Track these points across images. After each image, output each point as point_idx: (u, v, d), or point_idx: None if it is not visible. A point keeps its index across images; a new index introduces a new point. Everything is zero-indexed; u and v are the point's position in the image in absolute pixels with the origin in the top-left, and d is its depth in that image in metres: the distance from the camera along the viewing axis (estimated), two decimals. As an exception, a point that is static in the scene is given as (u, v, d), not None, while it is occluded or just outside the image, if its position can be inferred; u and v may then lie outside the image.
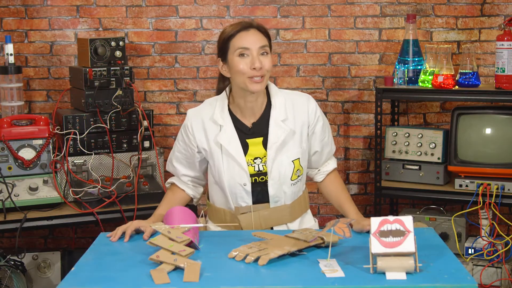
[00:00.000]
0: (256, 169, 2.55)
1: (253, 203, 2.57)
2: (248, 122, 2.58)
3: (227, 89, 2.62)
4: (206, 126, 2.58)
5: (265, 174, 2.55)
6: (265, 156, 2.55)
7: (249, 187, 2.55)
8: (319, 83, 4.11)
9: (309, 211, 2.75)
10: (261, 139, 2.57)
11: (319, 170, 2.75)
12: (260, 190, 2.57)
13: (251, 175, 2.55)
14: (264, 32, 2.54)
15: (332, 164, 2.76)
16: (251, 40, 2.49)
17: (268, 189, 2.56)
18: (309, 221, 2.72)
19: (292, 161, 2.57)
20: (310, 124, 2.62)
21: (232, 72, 2.52)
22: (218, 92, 2.66)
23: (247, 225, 2.58)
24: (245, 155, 2.55)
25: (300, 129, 2.60)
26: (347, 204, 2.66)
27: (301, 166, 2.61)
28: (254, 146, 2.56)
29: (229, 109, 2.59)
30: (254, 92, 2.50)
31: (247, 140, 2.56)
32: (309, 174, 2.77)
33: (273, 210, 2.59)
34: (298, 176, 2.61)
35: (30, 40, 4.05)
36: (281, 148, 2.55)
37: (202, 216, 2.70)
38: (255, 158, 2.56)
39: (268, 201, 2.58)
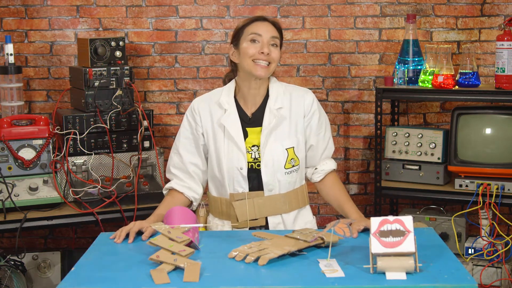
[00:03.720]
0: (253, 156, 2.62)
1: (249, 189, 2.62)
2: (249, 111, 2.67)
3: (236, 78, 2.71)
4: (212, 108, 2.67)
5: (261, 161, 2.62)
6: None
7: (245, 172, 2.60)
8: (319, 83, 4.11)
9: (308, 207, 2.76)
10: (259, 128, 2.64)
11: (316, 169, 2.75)
12: (255, 177, 2.62)
13: (248, 162, 2.61)
14: (278, 28, 2.66)
15: (331, 164, 2.76)
16: (264, 28, 2.61)
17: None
18: (306, 216, 2.73)
19: (286, 149, 2.63)
20: (305, 115, 2.67)
21: (241, 56, 2.62)
22: (226, 79, 2.76)
23: (241, 213, 2.61)
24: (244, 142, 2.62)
25: (296, 119, 2.66)
26: (347, 204, 2.67)
27: (296, 156, 2.65)
28: (253, 135, 2.64)
29: (234, 97, 2.68)
30: (258, 77, 2.59)
31: (247, 129, 2.64)
32: (306, 174, 2.79)
33: (267, 199, 2.62)
34: (293, 166, 2.65)
35: (30, 40, 4.05)
36: (273, 133, 2.62)
37: (202, 207, 2.73)
38: (253, 146, 2.63)
39: (263, 190, 2.62)
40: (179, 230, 2.27)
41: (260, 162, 2.61)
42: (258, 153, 2.62)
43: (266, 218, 2.64)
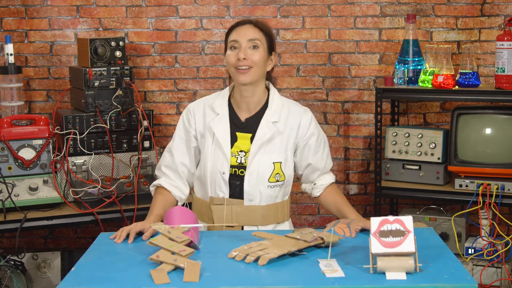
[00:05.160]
0: (238, 161, 2.62)
1: (230, 196, 2.62)
2: (242, 116, 2.67)
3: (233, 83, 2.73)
4: (206, 112, 2.69)
5: (245, 168, 2.61)
6: (249, 151, 2.62)
7: (227, 177, 2.60)
8: (319, 83, 4.11)
9: (287, 222, 2.75)
10: (250, 135, 2.64)
11: (315, 184, 2.76)
12: (238, 185, 2.62)
13: (232, 166, 2.61)
14: (261, 28, 2.63)
15: (329, 178, 2.78)
16: (241, 33, 2.60)
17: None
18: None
19: (273, 163, 2.62)
20: (301, 135, 2.67)
21: (227, 64, 2.64)
22: None
23: (219, 218, 2.62)
24: (232, 146, 2.63)
25: (288, 135, 2.66)
26: (345, 207, 2.68)
27: (282, 171, 2.64)
28: (242, 140, 2.64)
29: (229, 101, 2.69)
30: (242, 83, 2.59)
31: (237, 133, 2.64)
32: (306, 190, 2.81)
33: (246, 208, 2.62)
34: (277, 180, 2.64)
35: (30, 40, 4.05)
36: (265, 145, 2.62)
37: (185, 206, 2.74)
38: (240, 151, 2.63)
39: (243, 198, 2.62)
40: (179, 230, 2.27)
41: (244, 168, 2.61)
42: (245, 158, 2.61)
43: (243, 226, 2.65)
